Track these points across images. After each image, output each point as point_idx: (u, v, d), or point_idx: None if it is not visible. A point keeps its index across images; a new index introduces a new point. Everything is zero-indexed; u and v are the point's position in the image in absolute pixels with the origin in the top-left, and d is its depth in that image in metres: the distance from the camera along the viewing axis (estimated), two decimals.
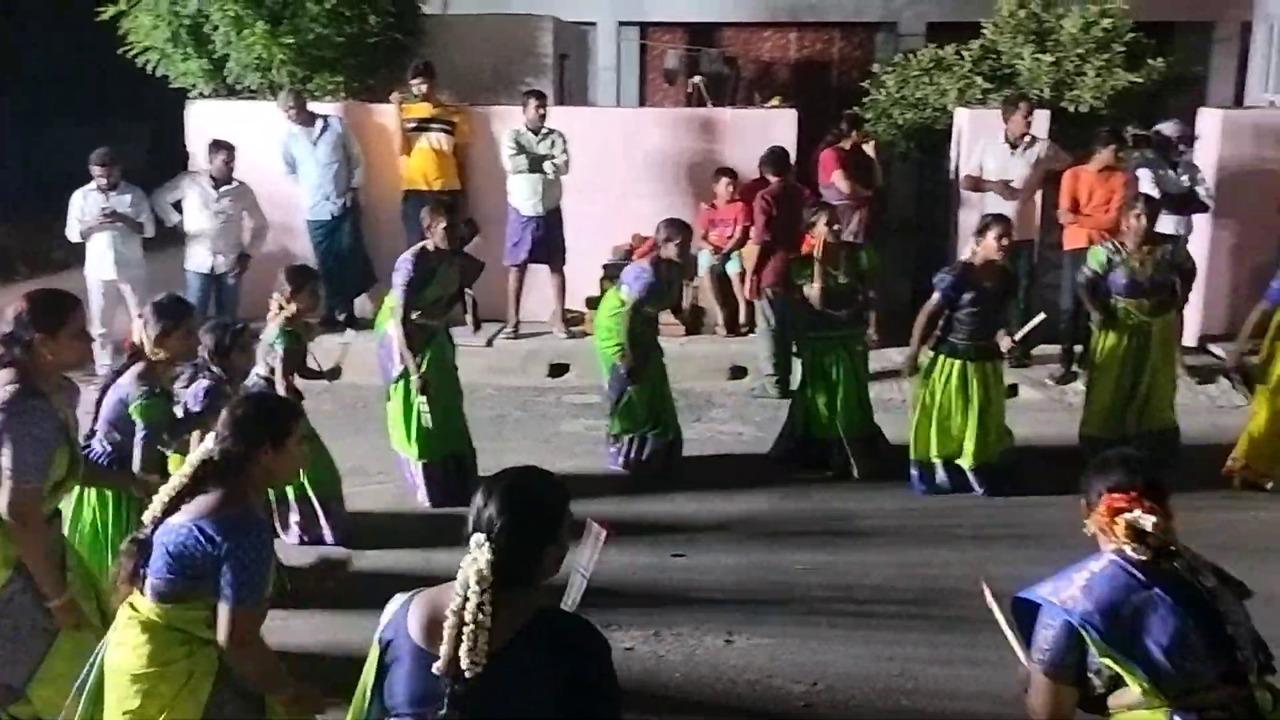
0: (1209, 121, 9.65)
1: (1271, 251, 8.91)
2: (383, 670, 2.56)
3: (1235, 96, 14.17)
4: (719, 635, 5.26)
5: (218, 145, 9.11)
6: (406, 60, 10.33)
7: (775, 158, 8.81)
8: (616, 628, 5.28)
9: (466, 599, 2.42)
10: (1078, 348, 8.68)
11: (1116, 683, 2.79)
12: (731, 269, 9.70)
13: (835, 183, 9.38)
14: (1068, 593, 2.81)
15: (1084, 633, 2.75)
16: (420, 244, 6.70)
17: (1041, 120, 9.20)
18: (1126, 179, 8.56)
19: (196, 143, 9.95)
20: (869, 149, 9.68)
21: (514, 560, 2.48)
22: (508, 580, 2.46)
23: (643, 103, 15.47)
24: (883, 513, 6.67)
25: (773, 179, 8.73)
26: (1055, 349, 8.94)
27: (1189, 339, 9.41)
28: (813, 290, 6.94)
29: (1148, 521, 2.76)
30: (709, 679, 4.93)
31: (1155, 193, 8.36)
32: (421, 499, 6.77)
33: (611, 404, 7.22)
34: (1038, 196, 9.16)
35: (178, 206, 9.31)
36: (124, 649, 3.15)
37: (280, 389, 5.82)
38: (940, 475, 6.89)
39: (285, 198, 9.79)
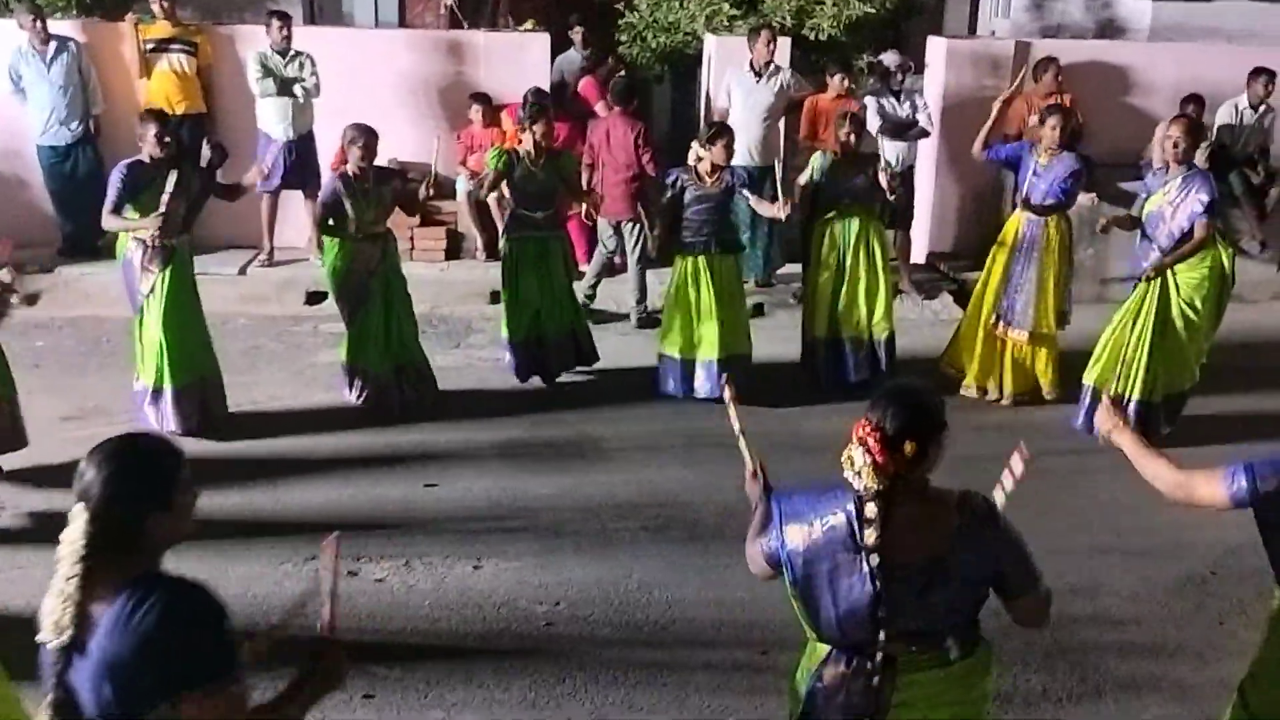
0: (935, 50, 10.24)
1: (993, 173, 9.57)
2: None
3: (970, 24, 14.97)
4: (468, 562, 5.47)
5: None
6: None
7: (621, 88, 8.91)
8: (367, 560, 5.44)
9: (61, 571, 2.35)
10: None
11: None
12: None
13: (599, 112, 9.54)
14: (798, 530, 2.88)
15: (784, 569, 2.89)
16: (136, 156, 6.52)
17: (784, 49, 9.56)
18: (858, 107, 9.03)
19: None
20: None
21: (112, 529, 2.37)
22: (108, 549, 2.36)
23: (402, 21, 15.17)
24: (627, 434, 6.98)
25: (615, 108, 8.83)
26: (796, 269, 9.42)
27: (918, 256, 10.08)
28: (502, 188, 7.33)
29: (859, 459, 2.77)
30: (456, 604, 5.14)
31: (877, 120, 8.90)
32: (171, 427, 6.57)
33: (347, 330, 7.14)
34: (781, 123, 9.55)
35: None
36: None
37: None
38: (681, 373, 7.33)
39: (11, 121, 9.28)
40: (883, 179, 7.34)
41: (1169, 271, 6.71)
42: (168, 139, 6.49)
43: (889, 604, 2.76)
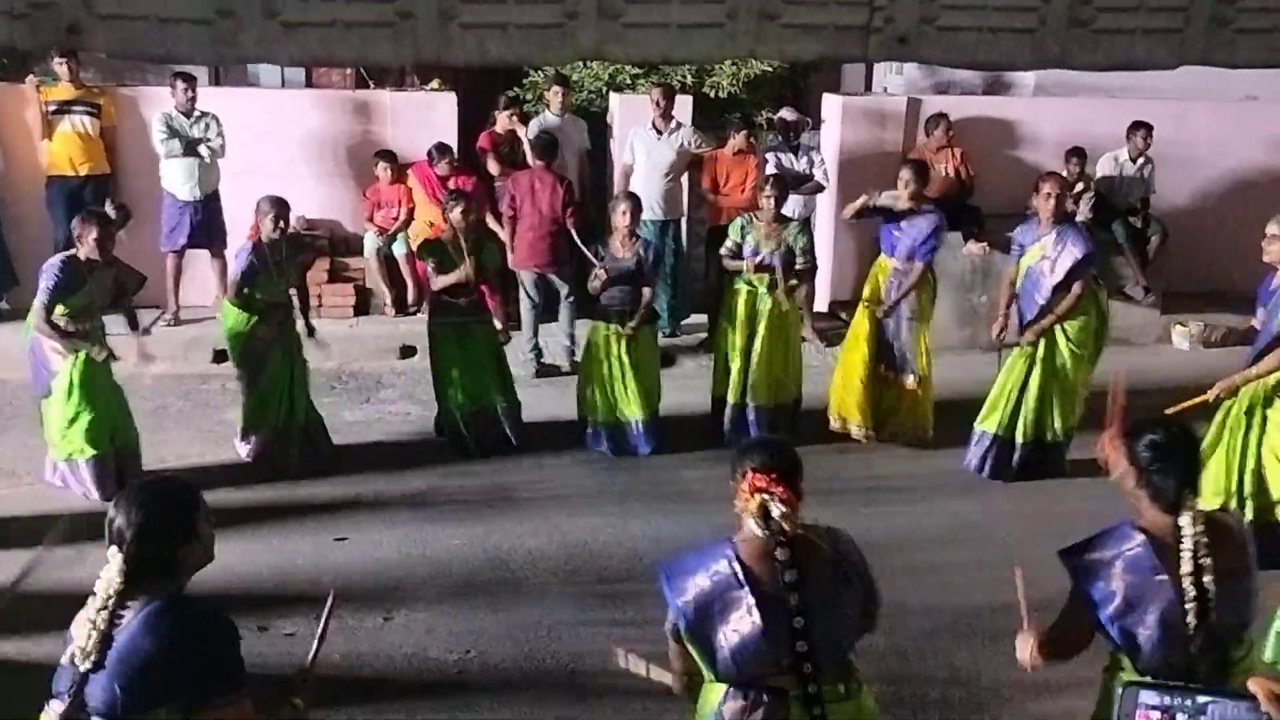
0: (831, 107, 10.59)
1: None
2: None
3: (866, 81, 15.45)
4: (379, 614, 5.51)
5: None
6: None
7: (545, 144, 9.08)
8: (279, 615, 5.44)
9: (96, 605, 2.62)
10: None
11: None
12: (398, 250, 9.85)
13: (489, 167, 9.68)
14: (687, 584, 3.12)
15: (679, 619, 3.13)
16: (70, 251, 6.51)
17: (684, 106, 9.82)
18: (758, 162, 9.32)
19: None
20: (520, 132, 9.97)
21: (147, 566, 2.67)
22: (144, 584, 2.66)
23: (309, 81, 15.24)
24: (537, 483, 7.08)
25: (537, 162, 9.01)
26: (703, 319, 9.64)
27: (820, 304, 10.37)
28: (447, 277, 7.29)
29: (776, 509, 3.02)
30: (368, 657, 5.18)
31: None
32: (92, 495, 6.57)
33: (243, 394, 7.20)
34: (684, 178, 9.79)
35: None
36: None
37: None
38: (605, 437, 7.50)
39: None
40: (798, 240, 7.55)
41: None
42: (109, 243, 6.48)
43: (807, 634, 3.00)
